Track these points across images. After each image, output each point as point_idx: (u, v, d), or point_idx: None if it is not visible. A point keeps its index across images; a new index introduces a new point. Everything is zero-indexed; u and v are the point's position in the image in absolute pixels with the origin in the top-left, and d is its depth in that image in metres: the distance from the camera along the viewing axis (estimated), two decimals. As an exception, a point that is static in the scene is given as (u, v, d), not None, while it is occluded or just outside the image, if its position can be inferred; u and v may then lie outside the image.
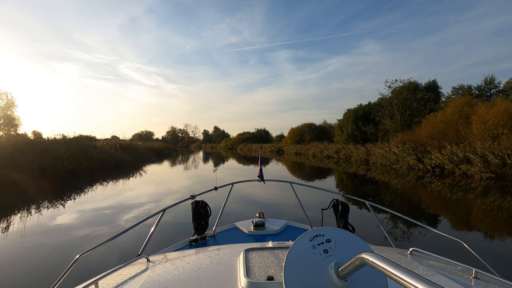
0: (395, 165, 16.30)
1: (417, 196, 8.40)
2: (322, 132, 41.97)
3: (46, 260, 3.75)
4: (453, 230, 5.17)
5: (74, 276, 1.38)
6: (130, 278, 1.02)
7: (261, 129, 70.27)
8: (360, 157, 21.72)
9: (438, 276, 1.03)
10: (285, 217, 3.33)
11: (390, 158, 17.35)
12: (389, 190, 9.44)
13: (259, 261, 1.00)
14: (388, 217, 5.69)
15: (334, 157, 25.52)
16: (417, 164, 14.99)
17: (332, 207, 2.31)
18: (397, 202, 7.51)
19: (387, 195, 8.47)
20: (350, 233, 0.80)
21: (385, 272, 0.49)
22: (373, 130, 27.63)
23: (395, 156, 16.98)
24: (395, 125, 25.50)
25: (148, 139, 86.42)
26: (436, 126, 17.65)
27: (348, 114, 31.14)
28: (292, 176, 13.94)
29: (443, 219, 5.89)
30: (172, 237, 4.36)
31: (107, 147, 20.73)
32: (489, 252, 4.05)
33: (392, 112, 26.24)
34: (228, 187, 2.68)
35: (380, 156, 18.47)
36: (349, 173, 14.71)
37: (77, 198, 8.16)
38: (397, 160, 16.59)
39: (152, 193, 8.97)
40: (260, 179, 2.61)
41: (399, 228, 5.13)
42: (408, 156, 15.80)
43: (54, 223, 5.51)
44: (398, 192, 8.99)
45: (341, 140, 31.19)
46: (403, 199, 8.01)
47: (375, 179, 11.96)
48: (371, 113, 28.72)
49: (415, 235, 4.70)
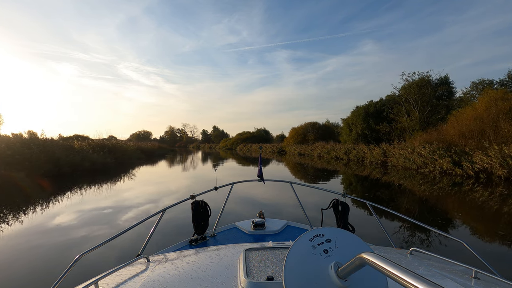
0: (423, 169, 14.03)
1: (454, 207, 7.05)
2: (327, 131, 39.78)
3: (45, 260, 3.74)
4: (453, 230, 5.17)
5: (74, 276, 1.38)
6: (130, 278, 1.02)
7: (261, 128, 69.32)
8: (376, 159, 19.33)
9: (438, 276, 1.03)
10: (285, 217, 3.33)
11: (415, 160, 14.98)
12: (418, 199, 7.91)
13: (259, 261, 1.00)
14: (388, 217, 5.69)
15: (344, 158, 23.46)
16: (454, 168, 12.60)
17: (332, 207, 2.31)
18: (426, 213, 6.28)
19: (416, 205, 7.12)
20: (350, 233, 0.80)
21: (385, 272, 0.49)
22: (387, 128, 25.05)
23: (423, 158, 14.55)
24: (413, 123, 22.68)
25: (146, 139, 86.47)
26: (468, 124, 15.08)
27: (358, 112, 28.59)
28: (295, 178, 13.19)
29: (443, 219, 5.89)
30: (172, 237, 4.35)
31: (87, 148, 18.16)
32: (489, 252, 4.05)
33: (409, 109, 23.52)
34: (228, 187, 2.68)
35: (402, 158, 16.18)
36: (366, 177, 12.81)
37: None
38: (425, 163, 14.24)
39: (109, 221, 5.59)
40: (260, 179, 2.61)
41: (399, 228, 5.13)
42: (441, 159, 13.34)
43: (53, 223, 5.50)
44: (428, 202, 7.49)
45: (349, 140, 28.82)
46: (435, 210, 6.69)
47: (399, 186, 10.14)
48: (383, 110, 26.25)
49: (415, 235, 4.70)
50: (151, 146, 37.09)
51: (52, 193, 8.88)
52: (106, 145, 20.24)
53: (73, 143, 18.65)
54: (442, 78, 24.55)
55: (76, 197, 8.27)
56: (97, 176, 13.51)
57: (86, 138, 24.62)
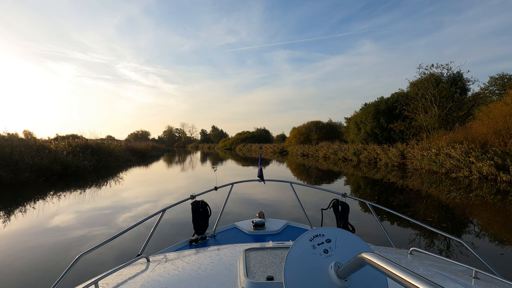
0: (456, 173, 12.17)
1: (496, 219, 5.97)
2: (331, 130, 37.82)
3: (45, 260, 3.74)
4: (453, 230, 5.17)
5: (74, 276, 1.38)
6: (130, 278, 1.02)
7: (261, 128, 68.26)
8: (392, 160, 17.56)
9: (438, 276, 1.03)
10: (285, 217, 3.33)
11: (444, 163, 13.12)
12: (446, 208, 6.78)
13: (259, 261, 1.00)
14: (388, 217, 5.69)
15: (353, 159, 21.86)
16: (498, 173, 10.66)
17: (332, 207, 2.32)
18: (458, 226, 5.41)
19: (443, 215, 6.09)
20: (350, 233, 0.80)
21: (385, 272, 0.49)
22: (402, 127, 22.77)
23: (454, 161, 12.57)
24: (432, 120, 20.33)
25: (144, 138, 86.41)
26: (504, 121, 13.08)
27: (367, 109, 26.41)
28: (297, 179, 12.70)
29: (443, 219, 5.89)
30: (172, 237, 4.36)
31: (66, 149, 15.68)
32: (489, 252, 4.05)
33: (426, 105, 21.16)
34: (228, 187, 2.68)
35: (426, 160, 14.34)
36: (382, 181, 11.18)
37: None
38: (458, 167, 12.32)
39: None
40: (260, 179, 2.61)
41: (399, 228, 5.13)
42: (479, 162, 11.35)
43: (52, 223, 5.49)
44: (460, 212, 6.46)
45: (357, 139, 26.78)
46: (469, 221, 5.74)
47: (420, 192, 8.71)
48: (395, 107, 24.13)
49: (415, 235, 4.70)
50: (143, 146, 32.99)
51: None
52: (89, 145, 17.82)
53: (49, 144, 16.10)
54: (455, 74, 21.81)
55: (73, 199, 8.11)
56: (60, 184, 10.78)
57: (79, 137, 22.29)
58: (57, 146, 16.15)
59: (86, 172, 14.39)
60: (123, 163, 20.52)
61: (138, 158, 25.78)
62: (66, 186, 10.56)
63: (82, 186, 10.44)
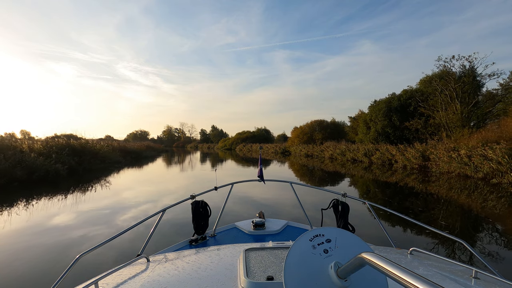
0: (498, 179, 10.19)
1: None
2: (336, 130, 35.89)
3: (45, 260, 3.74)
4: (453, 230, 5.17)
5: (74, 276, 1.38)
6: (130, 278, 1.02)
7: (261, 128, 67.07)
8: (412, 162, 15.51)
9: (438, 276, 1.03)
10: (285, 217, 3.34)
11: (481, 166, 11.15)
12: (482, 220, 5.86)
13: (259, 261, 1.00)
14: (388, 217, 5.69)
15: (364, 161, 19.94)
16: None
17: (332, 207, 2.32)
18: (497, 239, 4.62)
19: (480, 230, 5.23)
20: (350, 233, 0.80)
21: (385, 272, 0.49)
22: (419, 125, 20.68)
23: (494, 164, 10.68)
24: (455, 118, 18.29)
25: (143, 138, 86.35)
26: None
27: (378, 107, 24.34)
28: (299, 180, 12.26)
29: (443, 219, 5.88)
30: (172, 237, 4.36)
31: (38, 149, 13.46)
32: (489, 252, 4.05)
33: (446, 101, 19.19)
34: (228, 187, 2.68)
35: (456, 163, 12.45)
36: (408, 188, 9.52)
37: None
38: (500, 171, 10.42)
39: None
40: (260, 179, 2.61)
41: (399, 228, 5.13)
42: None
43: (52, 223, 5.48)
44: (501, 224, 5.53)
45: (367, 139, 24.86)
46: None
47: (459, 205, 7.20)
48: (410, 104, 22.04)
49: (415, 235, 4.70)
50: (137, 146, 30.31)
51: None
52: (70, 145, 15.76)
53: (20, 144, 13.49)
54: (468, 69, 19.73)
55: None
56: (17, 194, 8.38)
57: (74, 137, 21.14)
58: (30, 146, 13.53)
59: (58, 177, 11.72)
60: (110, 165, 18.31)
61: (131, 159, 23.76)
62: (22, 196, 8.17)
63: (40, 197, 8.10)
